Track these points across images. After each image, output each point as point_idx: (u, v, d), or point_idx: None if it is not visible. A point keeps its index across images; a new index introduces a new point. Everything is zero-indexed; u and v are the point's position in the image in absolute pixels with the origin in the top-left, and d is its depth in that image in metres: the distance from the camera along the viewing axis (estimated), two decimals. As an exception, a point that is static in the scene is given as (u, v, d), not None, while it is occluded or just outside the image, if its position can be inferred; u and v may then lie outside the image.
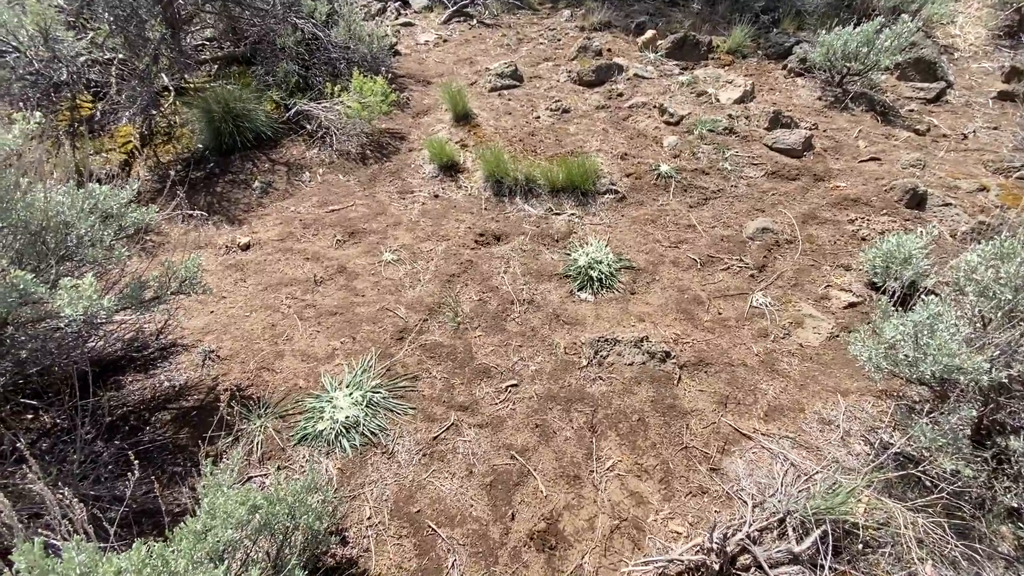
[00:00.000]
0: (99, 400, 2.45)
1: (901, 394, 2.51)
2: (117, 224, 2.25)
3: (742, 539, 1.82)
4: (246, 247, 3.50)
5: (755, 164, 4.20)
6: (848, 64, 5.06)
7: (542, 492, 2.20)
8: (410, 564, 1.99)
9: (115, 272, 2.56)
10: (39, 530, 1.69)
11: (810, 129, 4.58)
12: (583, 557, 1.99)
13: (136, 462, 1.80)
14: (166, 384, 2.60)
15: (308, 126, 4.50)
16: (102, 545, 1.66)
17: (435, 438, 2.41)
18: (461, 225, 3.67)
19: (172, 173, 4.02)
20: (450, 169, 4.16)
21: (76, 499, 1.90)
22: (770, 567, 1.77)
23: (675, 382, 2.61)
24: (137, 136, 4.24)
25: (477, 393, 2.60)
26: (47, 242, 2.00)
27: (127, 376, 2.63)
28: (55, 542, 1.60)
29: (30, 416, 2.36)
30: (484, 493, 2.21)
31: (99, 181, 2.83)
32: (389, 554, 2.02)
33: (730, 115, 4.69)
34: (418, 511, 2.15)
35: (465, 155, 4.29)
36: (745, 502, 2.08)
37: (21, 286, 1.77)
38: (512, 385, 2.64)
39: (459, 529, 2.09)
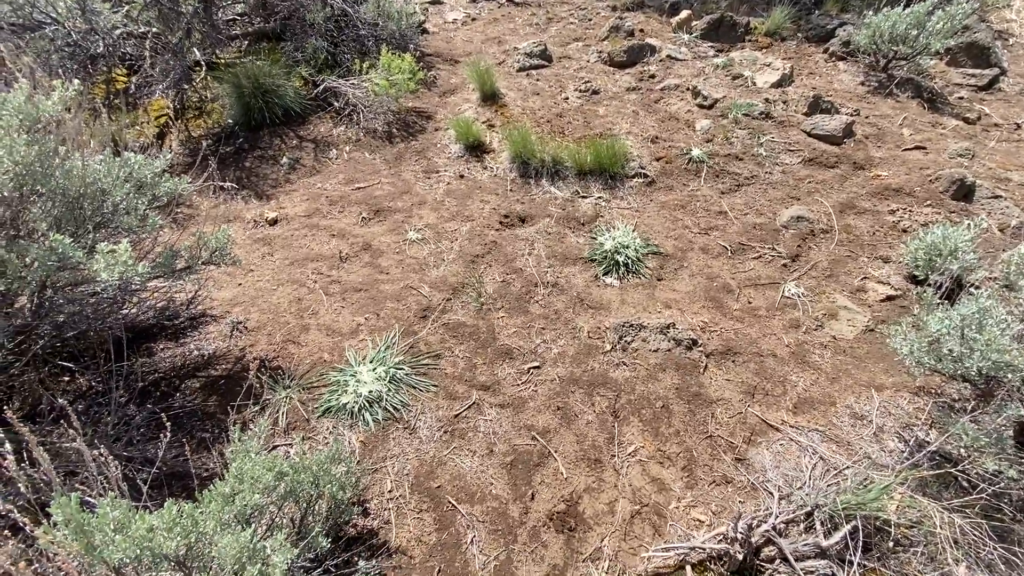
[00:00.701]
0: (132, 365, 2.51)
1: (939, 391, 2.41)
2: (151, 193, 2.28)
3: (768, 530, 1.78)
4: (274, 222, 3.53)
5: (791, 150, 4.05)
6: (895, 47, 4.82)
7: (562, 474, 2.19)
8: (429, 538, 2.01)
9: (148, 241, 2.60)
10: (76, 486, 1.75)
11: (851, 115, 4.38)
12: (602, 540, 1.98)
13: (167, 426, 1.85)
14: (195, 353, 2.65)
15: (335, 103, 4.49)
16: (135, 504, 1.71)
17: (456, 416, 2.41)
18: (486, 206, 3.64)
19: (203, 147, 4.06)
20: (476, 149, 4.11)
21: (112, 457, 1.96)
22: (796, 560, 1.73)
23: (701, 370, 2.56)
24: (170, 109, 4.29)
25: (499, 373, 2.59)
26: (84, 209, 2.03)
27: (159, 344, 2.69)
28: (90, 499, 1.65)
29: (67, 378, 2.44)
30: (504, 472, 2.21)
31: (134, 152, 2.87)
32: (409, 527, 2.04)
33: (767, 99, 4.52)
34: (438, 487, 2.16)
35: (491, 135, 4.24)
36: (771, 493, 2.03)
37: (60, 250, 1.81)
38: (534, 367, 2.62)
39: (479, 506, 2.09)
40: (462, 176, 3.93)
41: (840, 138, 4.11)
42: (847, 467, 2.10)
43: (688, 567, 1.82)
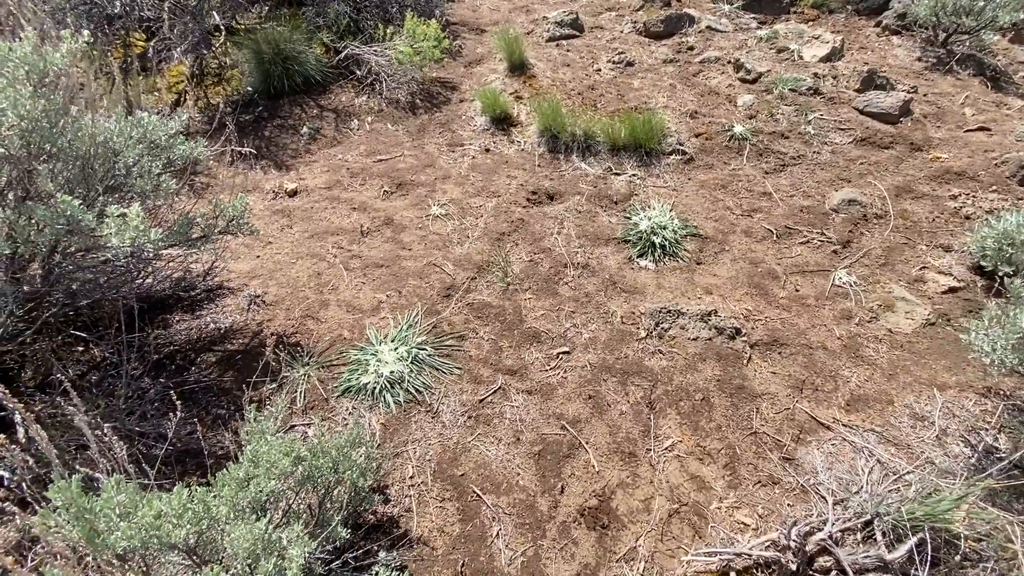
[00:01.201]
0: (147, 337, 2.43)
1: (1010, 393, 2.20)
2: (165, 156, 2.15)
3: (824, 539, 1.63)
4: (293, 193, 3.41)
5: (842, 129, 3.77)
6: (959, 20, 4.44)
7: (594, 467, 2.05)
8: (453, 528, 1.89)
9: (164, 209, 2.49)
10: (77, 467, 1.66)
11: (909, 92, 4.06)
12: (637, 540, 1.85)
13: (180, 401, 1.75)
14: (212, 326, 2.56)
15: (358, 71, 4.31)
16: (144, 482, 1.62)
17: (481, 401, 2.28)
18: (513, 181, 3.46)
19: (221, 115, 3.93)
20: (503, 122, 3.91)
21: (116, 435, 1.87)
22: (855, 573, 1.58)
23: (745, 361, 2.38)
24: (188, 76, 4.16)
25: (526, 358, 2.45)
26: (94, 170, 1.91)
27: (174, 315, 2.60)
28: (100, 476, 1.56)
29: (80, 348, 2.36)
30: (532, 462, 2.08)
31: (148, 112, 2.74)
32: (431, 516, 1.93)
33: (815, 74, 4.21)
34: (462, 475, 2.04)
35: (519, 108, 4.03)
36: (824, 498, 1.87)
37: (68, 212, 1.69)
38: (564, 352, 2.47)
39: (505, 497, 1.97)
40: (488, 150, 3.74)
41: (896, 117, 3.81)
42: (908, 472, 1.92)
43: (733, 574, 1.67)
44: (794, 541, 1.59)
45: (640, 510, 1.93)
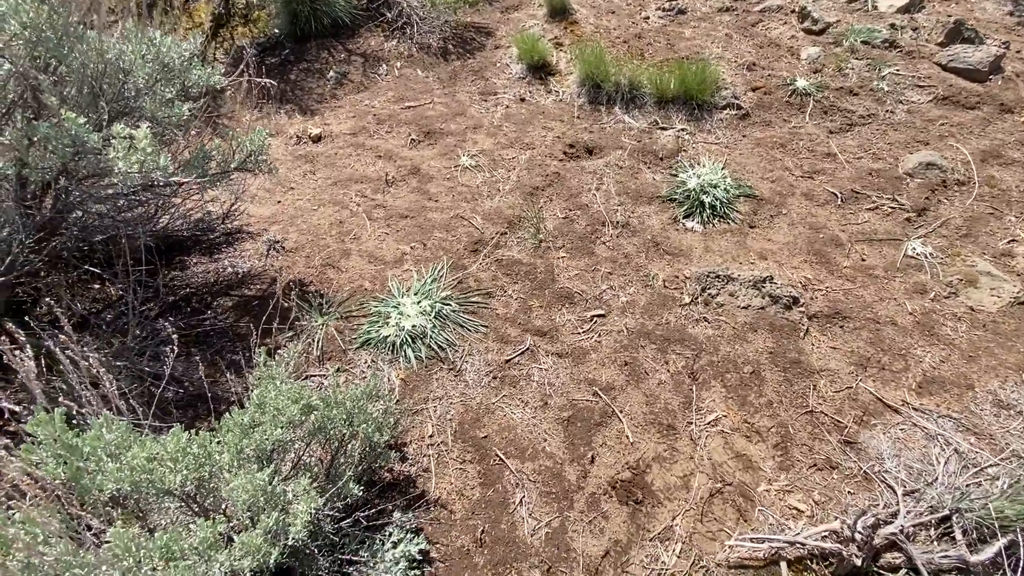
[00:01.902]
0: (163, 277, 2.34)
1: (1115, 384, 1.91)
2: (180, 81, 1.99)
3: (894, 533, 1.43)
4: (317, 139, 3.24)
5: (920, 86, 3.36)
6: (1067, -35, 3.88)
7: (628, 437, 1.88)
8: (473, 492, 1.76)
9: (181, 143, 2.36)
10: (73, 410, 1.56)
11: (1000, 47, 3.59)
12: (674, 518, 1.68)
13: (193, 347, 1.65)
14: (229, 270, 2.45)
15: (388, 14, 4.06)
16: (155, 423, 1.52)
17: (507, 361, 2.12)
18: (549, 133, 3.21)
19: (247, 56, 3.76)
20: (540, 70, 3.63)
21: (128, 375, 1.77)
22: (929, 573, 1.38)
23: (801, 334, 2.14)
24: (214, 15, 3.99)
25: (557, 319, 2.27)
26: (103, 91, 1.77)
27: (192, 257, 2.50)
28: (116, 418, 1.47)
29: (96, 286, 2.29)
30: (560, 428, 1.92)
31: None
32: (450, 478, 1.80)
33: (892, 25, 3.77)
34: (485, 436, 1.90)
35: (558, 55, 3.73)
36: (891, 488, 1.65)
37: (73, 131, 1.56)
38: (599, 315, 2.28)
39: (530, 463, 1.82)
40: (523, 99, 3.48)
41: (985, 74, 3.37)
42: (991, 465, 1.68)
43: (783, 563, 1.50)
44: (860, 533, 1.40)
45: (678, 487, 1.75)
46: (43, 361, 1.73)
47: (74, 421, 1.57)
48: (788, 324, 2.16)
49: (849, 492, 1.69)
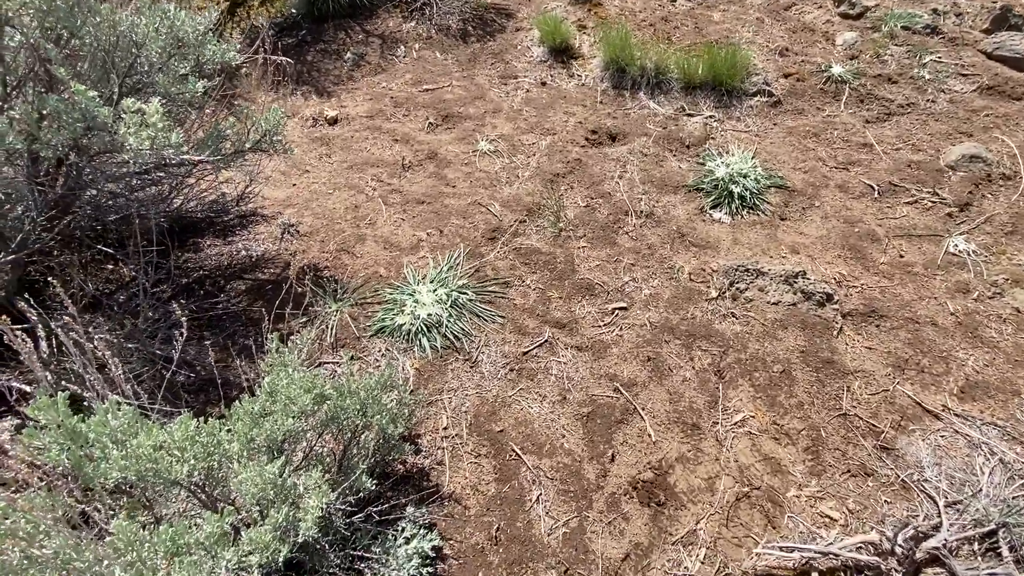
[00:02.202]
0: (177, 259, 2.30)
1: None
2: (194, 57, 1.93)
3: (936, 547, 1.34)
4: (333, 121, 3.17)
5: (964, 75, 3.18)
6: None
7: (650, 436, 1.81)
8: (488, 487, 1.70)
9: (195, 122, 2.31)
10: (67, 386, 1.53)
11: (1052, 34, 3.38)
12: (698, 522, 1.61)
13: (206, 331, 1.60)
14: (243, 253, 2.40)
15: (407, -6, 3.96)
16: (151, 405, 1.47)
17: (525, 353, 2.05)
18: (571, 119, 3.10)
19: (263, 36, 3.70)
20: (562, 53, 3.51)
21: (139, 358, 1.74)
22: (974, 591, 1.29)
23: (834, 332, 2.04)
24: (230, -6, 3.92)
25: (577, 311, 2.19)
26: (114, 64, 1.71)
27: (206, 240, 2.46)
28: (125, 403, 1.43)
29: (110, 267, 2.26)
30: (579, 425, 1.85)
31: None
32: (465, 472, 1.74)
33: (934, 10, 3.57)
34: (501, 430, 1.84)
35: (582, 38, 3.61)
36: (932, 498, 1.56)
37: (83, 104, 1.51)
38: (620, 308, 2.19)
39: (547, 460, 1.76)
40: (544, 83, 3.38)
41: (1035, 62, 3.18)
42: (1040, 477, 1.58)
43: (815, 575, 1.42)
44: (900, 546, 1.31)
45: (702, 489, 1.68)
46: (54, 342, 1.71)
47: (85, 404, 1.54)
48: (821, 322, 2.06)
49: (886, 501, 1.60)
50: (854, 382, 1.90)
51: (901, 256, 2.31)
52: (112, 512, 1.10)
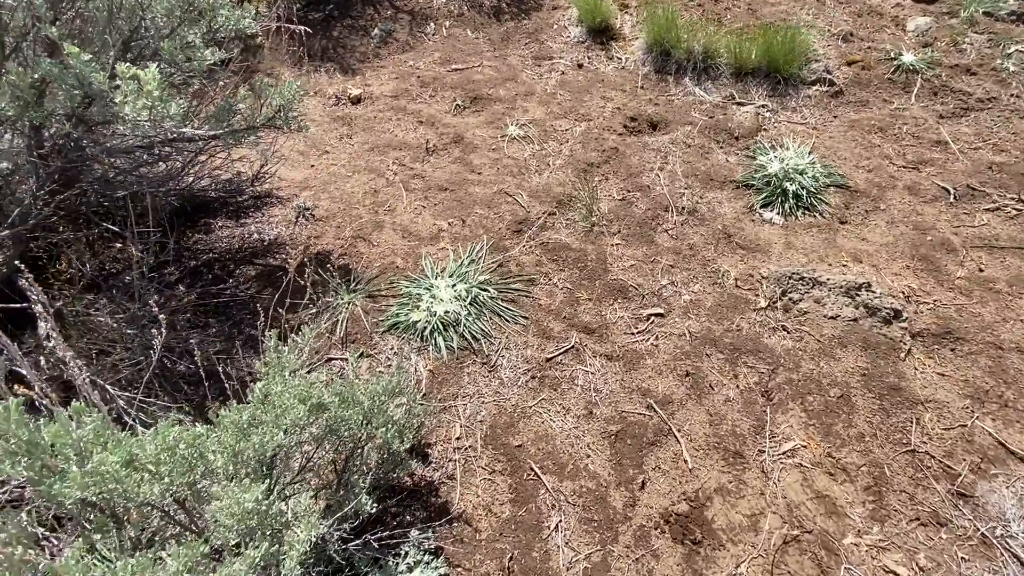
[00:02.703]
0: (187, 240, 2.19)
1: None
2: (206, 24, 1.78)
3: (1034, 626, 1.12)
4: (356, 100, 3.02)
5: (1057, 67, 2.83)
6: None
7: (686, 462, 1.61)
8: (502, 509, 1.54)
9: (209, 94, 2.18)
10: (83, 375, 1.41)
11: None
12: (738, 566, 1.41)
13: (211, 318, 1.47)
14: (255, 236, 2.28)
15: (439, -32, 3.75)
16: (142, 400, 1.35)
17: (549, 360, 1.87)
18: (608, 104, 2.88)
19: (288, 11, 3.55)
20: (602, 34, 3.27)
21: (139, 344, 1.62)
22: None
23: (902, 355, 1.79)
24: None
25: (608, 315, 1.99)
26: (117, 27, 1.58)
27: (217, 220, 2.34)
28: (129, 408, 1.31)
29: (118, 245, 2.16)
30: (606, 444, 1.66)
31: None
32: (477, 489, 1.58)
33: (1023, -6, 3.19)
34: (519, 445, 1.67)
35: (623, 18, 3.36)
36: (1018, 559, 1.33)
37: (77, 69, 1.37)
38: (656, 314, 1.99)
39: (569, 483, 1.59)
40: (581, 65, 3.15)
41: None
42: None
43: (879, 643, 1.21)
44: (990, 622, 1.10)
45: (744, 527, 1.48)
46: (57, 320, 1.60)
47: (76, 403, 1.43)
48: (886, 341, 1.82)
49: (963, 559, 1.37)
50: (925, 414, 1.66)
51: (981, 270, 2.04)
52: (83, 530, 0.97)
